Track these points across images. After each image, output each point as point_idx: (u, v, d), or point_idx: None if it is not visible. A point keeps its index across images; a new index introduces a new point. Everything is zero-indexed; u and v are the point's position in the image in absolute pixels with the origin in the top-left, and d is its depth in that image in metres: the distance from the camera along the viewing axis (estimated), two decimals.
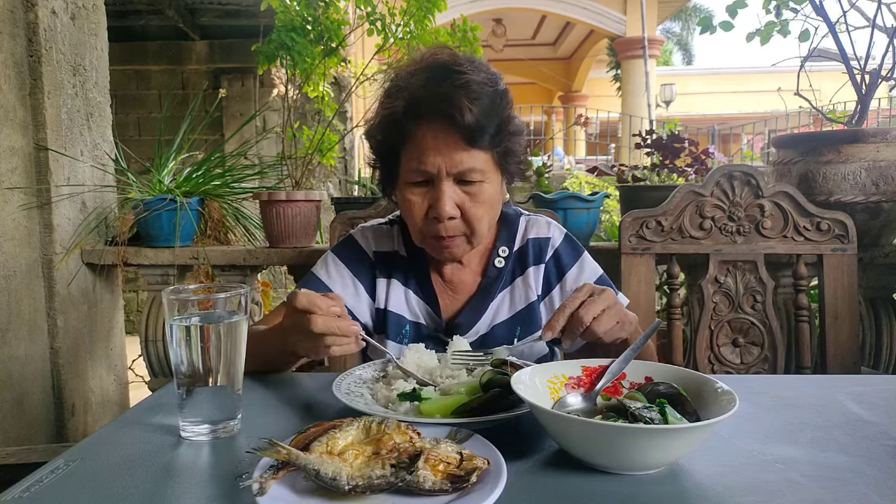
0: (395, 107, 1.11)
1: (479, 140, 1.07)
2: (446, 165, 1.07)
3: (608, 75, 11.84)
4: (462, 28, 2.32)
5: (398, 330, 1.22)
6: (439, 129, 1.07)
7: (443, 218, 1.09)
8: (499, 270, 1.24)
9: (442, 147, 1.07)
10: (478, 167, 1.09)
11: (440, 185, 1.08)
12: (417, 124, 1.09)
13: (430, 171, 1.08)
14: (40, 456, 2.02)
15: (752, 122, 11.40)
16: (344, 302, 0.99)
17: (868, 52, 1.92)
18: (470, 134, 1.06)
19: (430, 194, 1.10)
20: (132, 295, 5.85)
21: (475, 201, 1.11)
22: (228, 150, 2.88)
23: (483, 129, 1.06)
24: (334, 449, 0.65)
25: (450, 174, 1.08)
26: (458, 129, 1.05)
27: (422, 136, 1.09)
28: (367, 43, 2.78)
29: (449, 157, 1.07)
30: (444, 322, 1.22)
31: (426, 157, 1.08)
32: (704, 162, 2.16)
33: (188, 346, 0.80)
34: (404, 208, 1.15)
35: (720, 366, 1.73)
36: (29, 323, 2.06)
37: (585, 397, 0.83)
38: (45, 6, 2.01)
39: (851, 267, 1.66)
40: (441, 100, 1.05)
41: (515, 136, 1.15)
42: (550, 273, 1.26)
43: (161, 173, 2.21)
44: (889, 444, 0.77)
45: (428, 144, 1.08)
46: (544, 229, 1.28)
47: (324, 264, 1.26)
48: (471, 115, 1.04)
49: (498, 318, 1.23)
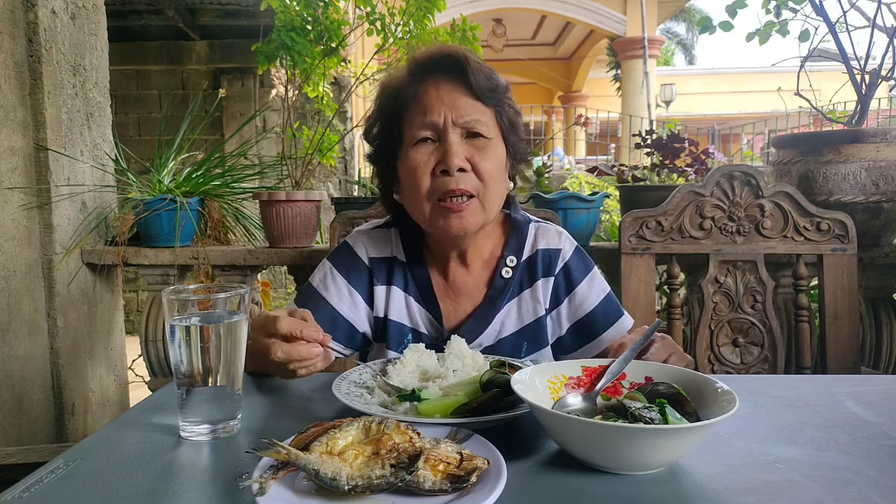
0: (397, 74, 1.14)
1: (485, 94, 1.09)
2: (453, 114, 1.07)
3: (608, 75, 11.84)
4: (462, 28, 2.32)
5: (399, 339, 1.19)
6: (444, 83, 1.09)
7: (452, 169, 1.05)
8: (506, 281, 1.19)
9: (446, 98, 1.08)
10: (484, 120, 1.09)
11: (447, 136, 1.07)
12: (421, 82, 1.10)
13: (436, 121, 1.07)
14: (40, 456, 2.02)
15: (752, 122, 11.40)
16: (311, 316, 0.97)
17: (868, 52, 1.92)
18: (476, 86, 1.08)
19: (438, 150, 1.08)
20: (132, 295, 5.86)
21: (484, 156, 1.08)
22: (228, 150, 2.88)
23: (488, 84, 1.09)
24: (334, 449, 0.65)
25: (456, 124, 1.07)
26: (464, 83, 1.08)
27: (426, 92, 1.10)
28: (367, 43, 2.78)
29: (455, 107, 1.07)
30: (446, 331, 1.17)
31: (432, 107, 1.08)
32: (704, 162, 2.16)
33: (188, 346, 0.80)
34: (409, 171, 1.10)
35: (720, 366, 1.73)
36: (29, 323, 2.06)
37: (585, 397, 0.83)
38: (45, 6, 2.01)
39: (851, 267, 1.66)
40: (446, 60, 1.09)
41: (517, 113, 1.17)
42: (560, 286, 1.21)
43: (161, 173, 2.21)
44: (889, 444, 0.77)
45: (433, 97, 1.09)
46: (555, 239, 1.23)
47: (321, 276, 1.23)
48: (477, 70, 1.08)
49: (504, 331, 1.19)
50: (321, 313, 1.18)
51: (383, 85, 1.17)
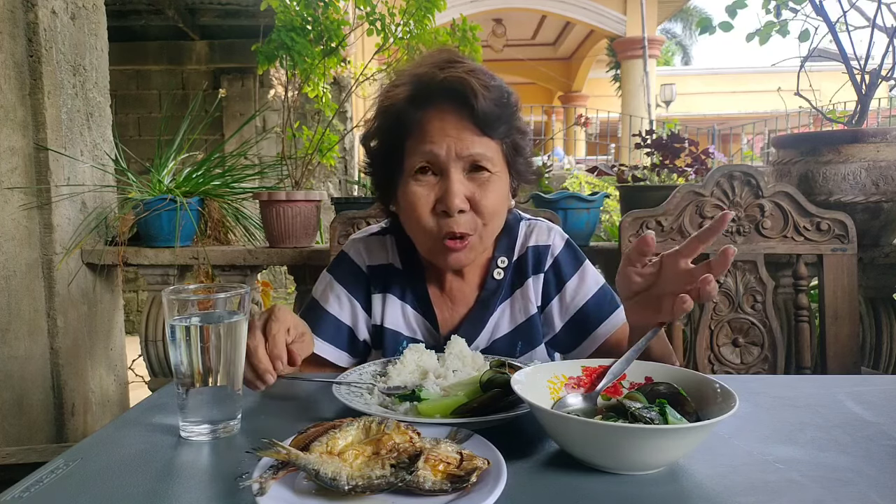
0: (398, 95, 1.06)
1: (491, 127, 1.03)
2: (456, 148, 1.02)
3: (608, 75, 11.84)
4: (462, 28, 2.32)
5: (395, 346, 1.17)
6: (449, 113, 1.03)
7: (452, 210, 1.02)
8: (498, 283, 1.18)
9: (451, 130, 1.03)
10: (488, 155, 1.04)
11: (449, 173, 1.03)
12: (425, 110, 1.04)
13: (438, 152, 1.02)
14: (40, 456, 2.02)
15: (752, 122, 11.40)
16: (309, 332, 0.96)
17: (868, 52, 1.92)
18: (483, 119, 1.02)
19: (439, 186, 1.04)
20: (132, 295, 5.85)
21: (486, 192, 1.04)
22: (228, 150, 2.88)
23: (495, 115, 1.03)
24: (334, 449, 0.65)
25: (460, 158, 1.03)
26: (470, 114, 1.02)
27: (429, 121, 1.04)
28: (367, 43, 2.79)
29: (459, 139, 1.02)
30: (442, 337, 1.17)
31: (435, 138, 1.02)
32: (704, 162, 2.16)
33: (188, 346, 0.80)
34: (408, 205, 1.06)
35: (720, 366, 1.73)
36: (29, 323, 2.06)
37: (585, 397, 0.83)
38: (45, 6, 2.01)
39: (851, 267, 1.66)
40: (452, 84, 1.02)
41: (523, 133, 1.12)
42: (550, 282, 1.20)
43: (161, 173, 2.21)
44: (889, 444, 0.77)
45: (436, 127, 1.03)
46: (544, 236, 1.22)
47: (322, 287, 1.23)
48: (483, 100, 1.01)
49: (498, 332, 1.18)
50: (325, 324, 1.18)
51: (385, 104, 1.09)
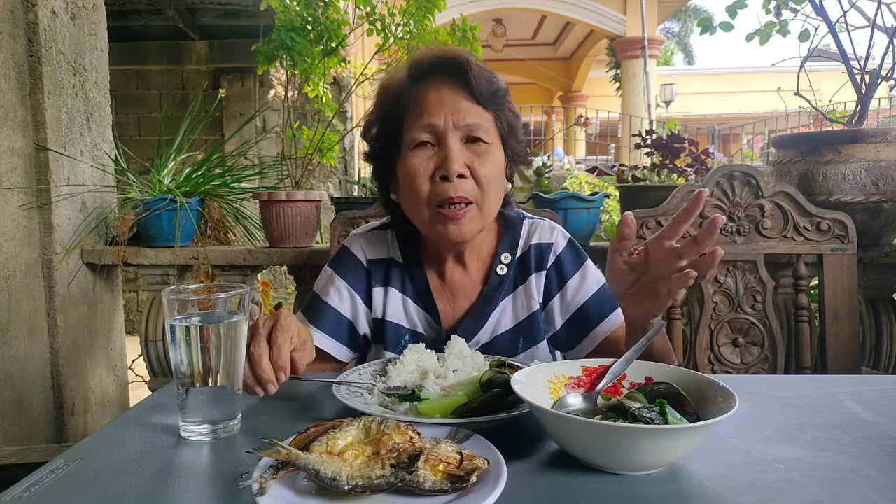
0: (396, 76, 1.13)
1: (485, 98, 1.09)
2: (453, 118, 1.07)
3: (608, 75, 11.84)
4: (462, 28, 2.32)
5: (396, 340, 1.18)
6: (445, 85, 1.09)
7: (452, 175, 1.05)
8: (501, 278, 1.19)
9: (447, 101, 1.08)
10: (484, 125, 1.09)
11: (447, 141, 1.07)
12: (420, 85, 1.10)
13: (436, 123, 1.07)
14: (40, 456, 2.02)
15: (752, 122, 11.40)
16: (311, 339, 0.96)
17: (868, 52, 1.92)
18: (477, 90, 1.08)
19: (437, 155, 1.08)
20: (132, 295, 5.86)
21: (483, 162, 1.08)
22: (228, 150, 2.88)
23: (489, 88, 1.09)
24: (334, 449, 0.65)
25: (457, 127, 1.07)
26: (465, 83, 1.08)
27: (426, 95, 1.09)
28: (367, 43, 2.79)
29: (455, 110, 1.07)
30: (443, 331, 1.17)
31: (432, 110, 1.08)
32: (704, 162, 2.16)
33: (188, 346, 0.80)
34: (407, 177, 1.10)
35: (720, 366, 1.73)
36: (29, 323, 2.06)
37: (585, 397, 0.83)
38: (45, 6, 2.01)
39: (851, 267, 1.66)
40: (446, 57, 1.10)
41: (516, 116, 1.17)
42: (552, 280, 1.21)
43: (161, 173, 2.21)
44: (889, 444, 0.77)
45: (433, 99, 1.09)
46: (547, 234, 1.23)
47: (322, 282, 1.23)
48: (477, 71, 1.08)
49: (500, 327, 1.19)
50: (325, 317, 1.19)
51: (383, 86, 1.17)
